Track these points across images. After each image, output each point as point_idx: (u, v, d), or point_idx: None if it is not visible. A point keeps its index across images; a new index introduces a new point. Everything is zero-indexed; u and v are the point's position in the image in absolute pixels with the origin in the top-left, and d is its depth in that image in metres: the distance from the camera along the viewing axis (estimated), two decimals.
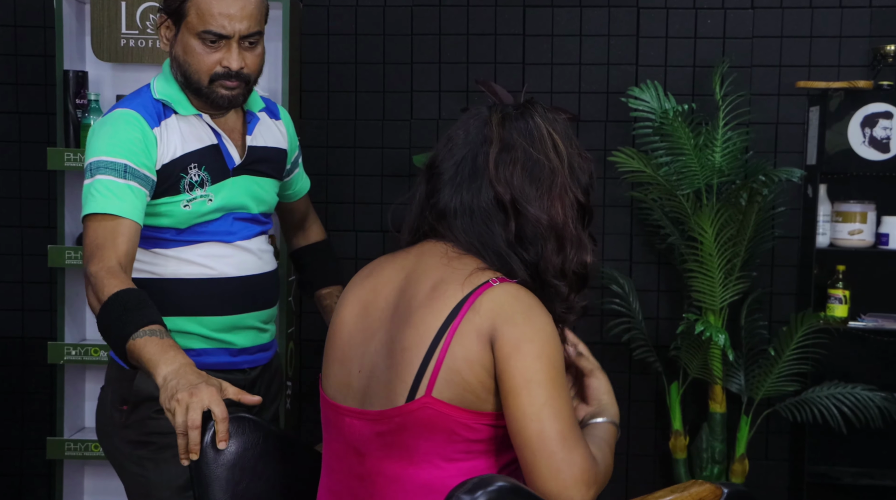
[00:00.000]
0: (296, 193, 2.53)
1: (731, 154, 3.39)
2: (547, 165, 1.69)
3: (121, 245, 2.02)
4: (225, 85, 2.13)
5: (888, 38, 3.56)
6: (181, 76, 2.15)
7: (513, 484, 1.49)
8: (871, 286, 3.63)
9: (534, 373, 1.57)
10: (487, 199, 1.69)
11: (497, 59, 3.72)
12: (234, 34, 2.10)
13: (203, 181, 2.17)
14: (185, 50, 2.13)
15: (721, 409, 3.47)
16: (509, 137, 1.71)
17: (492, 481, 1.47)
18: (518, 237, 1.68)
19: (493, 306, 1.60)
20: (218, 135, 2.21)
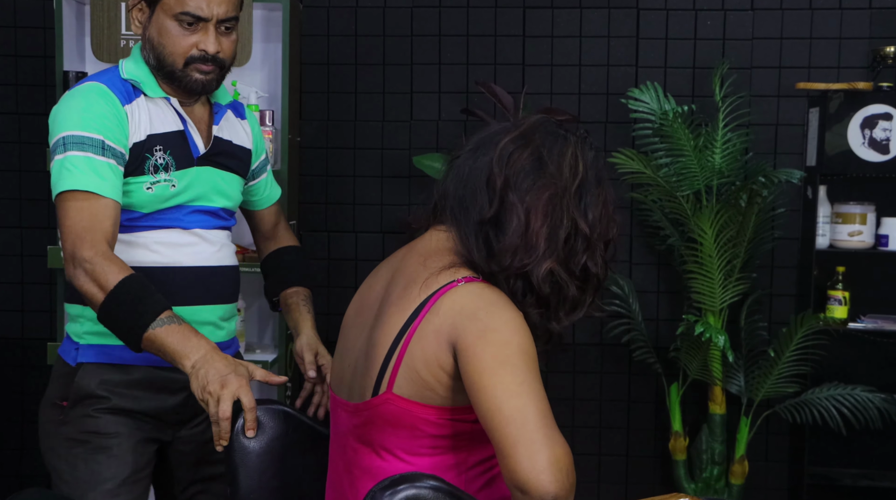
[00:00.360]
0: (263, 200, 2.45)
1: (731, 155, 3.39)
2: (555, 174, 1.65)
3: (108, 227, 1.96)
4: (200, 68, 2.09)
5: (888, 40, 3.56)
6: (154, 59, 2.10)
7: (435, 484, 1.48)
8: (871, 288, 3.63)
9: (507, 356, 1.54)
10: (482, 172, 1.66)
11: (497, 60, 3.72)
12: (213, 17, 2.07)
13: (168, 165, 2.10)
14: (160, 32, 2.08)
15: (721, 410, 3.47)
16: (532, 133, 1.69)
17: (410, 479, 1.47)
18: (495, 223, 1.64)
19: (452, 306, 1.60)
20: (184, 121, 2.15)
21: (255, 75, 3.53)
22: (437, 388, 1.60)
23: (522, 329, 1.58)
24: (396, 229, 3.76)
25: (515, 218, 1.63)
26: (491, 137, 1.71)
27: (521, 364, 1.53)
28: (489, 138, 1.70)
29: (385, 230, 3.78)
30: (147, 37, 2.10)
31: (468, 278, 1.63)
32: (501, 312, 1.58)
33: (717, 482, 3.47)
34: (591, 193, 1.67)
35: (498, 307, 1.59)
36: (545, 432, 1.48)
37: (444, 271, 1.65)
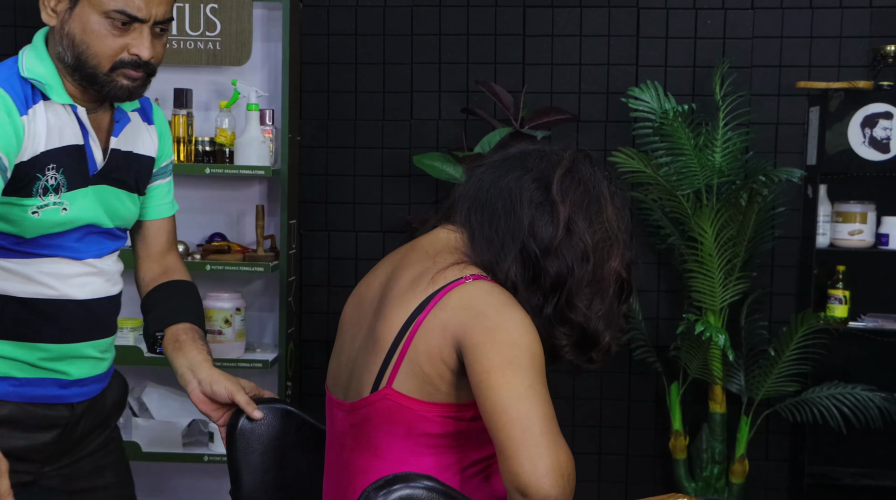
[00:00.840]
0: (152, 209, 2.09)
1: (732, 154, 3.39)
2: (605, 217, 1.68)
3: None
4: (129, 75, 1.81)
5: (888, 39, 3.55)
6: (72, 58, 1.80)
7: (429, 484, 1.47)
8: (871, 287, 3.63)
9: (515, 357, 1.54)
10: (529, 190, 1.67)
11: (497, 59, 3.72)
12: (151, 18, 1.79)
13: (59, 186, 1.82)
14: (84, 28, 1.78)
15: (721, 409, 3.47)
16: (579, 169, 1.70)
17: (404, 479, 1.47)
18: (545, 244, 1.65)
19: (461, 303, 1.60)
20: (86, 133, 1.86)
21: (255, 74, 3.53)
22: (439, 383, 1.60)
23: (531, 331, 1.58)
24: (396, 228, 3.76)
25: (578, 251, 1.64)
26: (526, 159, 1.71)
27: (528, 366, 1.53)
28: (523, 159, 1.71)
29: (385, 229, 3.78)
30: (66, 31, 1.80)
31: (476, 276, 1.63)
32: (511, 312, 1.58)
33: (717, 482, 3.47)
34: (628, 238, 1.71)
35: (507, 307, 1.59)
36: (550, 436, 1.49)
37: (452, 266, 1.65)
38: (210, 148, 3.40)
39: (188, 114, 3.37)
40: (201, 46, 3.44)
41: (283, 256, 3.39)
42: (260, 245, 3.39)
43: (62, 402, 1.92)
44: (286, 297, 3.41)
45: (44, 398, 1.89)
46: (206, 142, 3.40)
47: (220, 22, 3.42)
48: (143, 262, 2.11)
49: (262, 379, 3.62)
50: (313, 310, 3.79)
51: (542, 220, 1.64)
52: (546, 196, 1.65)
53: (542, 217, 1.65)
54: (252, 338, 3.59)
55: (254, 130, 3.32)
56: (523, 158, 1.71)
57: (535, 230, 1.64)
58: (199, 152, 3.39)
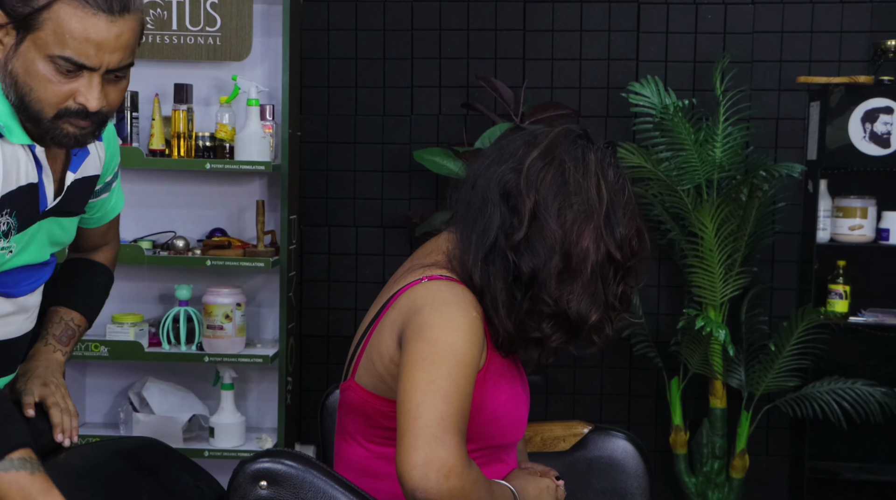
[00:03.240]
0: (96, 220, 1.97)
1: (732, 149, 3.38)
2: (584, 196, 1.58)
3: None
4: (75, 123, 1.61)
5: (889, 34, 3.55)
6: (15, 98, 1.60)
7: (293, 463, 1.47)
8: (872, 282, 3.63)
9: (430, 353, 1.51)
10: (495, 183, 1.61)
11: (497, 54, 3.72)
12: (101, 67, 1.58)
13: (9, 230, 1.64)
14: (27, 70, 1.57)
15: (721, 404, 3.47)
16: (555, 148, 1.61)
17: (272, 454, 1.48)
18: (515, 241, 1.58)
19: (408, 303, 1.60)
20: (40, 171, 1.68)
21: (255, 70, 3.53)
22: (389, 381, 1.62)
23: (461, 330, 1.54)
24: (397, 224, 3.76)
25: (548, 243, 1.57)
26: (509, 144, 1.65)
27: (440, 363, 1.51)
28: (507, 146, 1.65)
29: (385, 225, 3.78)
30: (9, 69, 1.59)
31: (433, 277, 1.62)
32: (446, 310, 1.56)
33: (717, 476, 3.48)
34: (618, 213, 1.61)
35: (445, 305, 1.56)
36: (433, 431, 1.46)
37: (420, 268, 1.66)
38: (210, 143, 3.40)
39: (188, 109, 3.37)
40: (201, 41, 3.44)
41: (283, 251, 3.39)
42: (260, 240, 3.39)
43: None
44: (286, 292, 3.41)
45: None
46: (207, 137, 3.40)
47: (220, 17, 3.42)
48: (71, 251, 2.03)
49: (262, 374, 3.63)
50: (314, 305, 3.79)
51: (514, 212, 1.58)
52: (516, 185, 1.58)
53: (513, 209, 1.58)
54: (252, 333, 3.60)
55: (254, 125, 3.32)
56: (505, 146, 1.65)
57: (505, 226, 1.58)
58: (200, 148, 3.39)
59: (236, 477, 1.46)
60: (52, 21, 1.54)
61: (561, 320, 1.60)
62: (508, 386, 1.67)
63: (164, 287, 3.60)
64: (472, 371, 1.54)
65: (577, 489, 1.98)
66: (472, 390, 1.54)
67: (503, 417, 1.67)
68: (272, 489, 1.45)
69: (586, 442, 2.00)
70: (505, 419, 1.67)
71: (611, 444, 2.00)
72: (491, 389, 1.63)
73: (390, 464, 1.61)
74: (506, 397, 1.66)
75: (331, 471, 1.47)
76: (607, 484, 1.99)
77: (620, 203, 1.62)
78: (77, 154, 1.76)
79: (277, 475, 1.45)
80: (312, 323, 3.79)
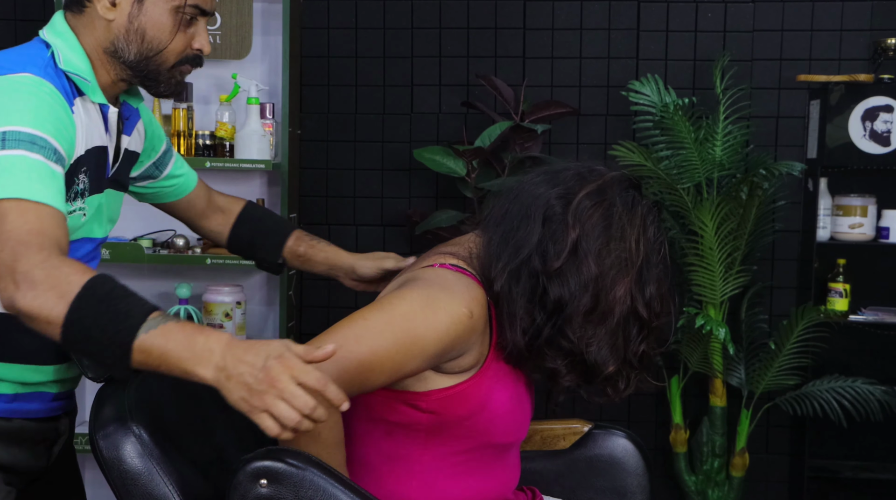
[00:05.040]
0: (177, 189, 2.07)
1: (732, 148, 3.38)
2: (625, 244, 1.58)
3: (61, 236, 1.47)
4: (185, 70, 1.74)
5: (889, 32, 3.55)
6: (134, 55, 1.68)
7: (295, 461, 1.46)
8: (872, 280, 3.63)
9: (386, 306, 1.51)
10: (538, 204, 1.60)
11: (497, 52, 3.72)
12: (213, 11, 1.74)
13: (84, 191, 1.68)
14: (154, 24, 1.67)
15: (721, 403, 3.47)
16: (607, 190, 1.60)
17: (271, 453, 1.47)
18: (550, 267, 1.56)
19: (408, 277, 1.61)
20: (109, 134, 1.75)
21: (255, 68, 3.53)
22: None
23: (434, 311, 1.51)
24: (397, 222, 3.76)
25: (582, 278, 1.56)
26: (562, 172, 1.64)
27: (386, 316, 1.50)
28: (560, 174, 1.64)
29: (385, 223, 3.78)
30: (135, 27, 1.67)
31: (444, 264, 1.61)
32: (434, 291, 1.54)
33: (717, 475, 3.48)
34: (651, 272, 1.61)
35: (440, 289, 1.55)
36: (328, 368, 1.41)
37: (436, 255, 1.66)
38: (210, 142, 3.40)
39: (188, 107, 3.37)
40: None
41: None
42: None
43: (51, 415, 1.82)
44: (286, 291, 3.41)
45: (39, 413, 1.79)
46: (207, 135, 3.40)
47: (220, 15, 3.41)
48: (201, 220, 2.12)
49: None
50: (314, 304, 3.79)
51: (553, 238, 1.57)
52: (563, 214, 1.58)
53: (553, 235, 1.57)
54: (252, 332, 3.60)
55: (254, 123, 3.32)
56: (560, 173, 1.64)
57: (543, 247, 1.57)
58: (200, 146, 3.39)
59: (236, 475, 1.45)
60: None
61: (577, 361, 1.60)
62: (512, 385, 1.66)
63: (164, 286, 3.60)
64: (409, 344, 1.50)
65: (578, 488, 1.98)
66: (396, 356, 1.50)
67: (505, 416, 1.65)
68: (272, 487, 1.44)
69: (586, 441, 2.00)
70: (507, 418, 1.66)
71: (611, 442, 2.00)
72: (492, 387, 1.62)
73: (392, 461, 1.61)
74: (507, 396, 1.65)
75: (331, 469, 1.47)
76: (607, 483, 1.99)
77: (655, 262, 1.62)
78: (129, 117, 1.81)
79: (277, 473, 1.44)
80: (312, 322, 3.79)
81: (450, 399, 1.59)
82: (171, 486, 1.56)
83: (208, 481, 1.67)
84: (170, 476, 1.56)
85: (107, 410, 1.59)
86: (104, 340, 1.38)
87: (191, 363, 1.36)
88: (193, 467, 1.66)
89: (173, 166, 2.04)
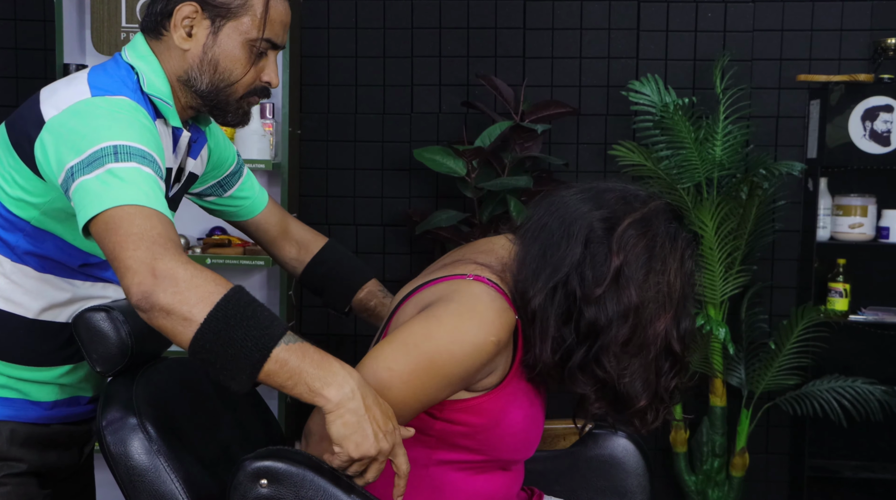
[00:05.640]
0: (247, 208, 2.11)
1: (732, 148, 3.38)
2: (665, 277, 1.56)
3: (179, 242, 1.52)
4: (252, 101, 1.79)
5: (889, 32, 3.55)
6: (207, 84, 1.73)
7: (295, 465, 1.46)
8: (872, 280, 3.63)
9: (413, 345, 1.49)
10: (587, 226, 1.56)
11: (497, 52, 3.72)
12: (284, 45, 1.79)
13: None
14: (227, 56, 1.71)
15: (721, 402, 3.47)
16: (652, 221, 1.58)
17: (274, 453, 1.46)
18: (591, 293, 1.53)
19: (446, 290, 1.56)
20: (175, 155, 1.80)
21: None
22: None
23: (462, 346, 1.49)
24: (397, 222, 3.76)
25: (622, 307, 1.53)
26: (605, 192, 1.61)
27: (413, 362, 1.48)
28: (603, 194, 1.61)
29: (385, 223, 3.78)
30: (209, 58, 1.72)
31: (478, 277, 1.57)
32: (466, 320, 1.51)
33: (717, 475, 3.48)
34: (686, 306, 1.60)
35: (471, 317, 1.51)
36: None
37: (472, 264, 1.61)
38: None
39: None
40: None
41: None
42: None
43: (88, 417, 1.89)
44: (286, 291, 3.41)
45: (75, 416, 1.86)
46: None
47: None
48: (274, 247, 2.14)
49: None
50: (313, 304, 3.79)
51: (594, 261, 1.54)
52: (606, 238, 1.54)
53: (594, 258, 1.54)
54: None
55: (254, 123, 3.31)
56: (603, 193, 1.61)
57: (583, 270, 1.54)
58: None
59: (236, 475, 1.45)
60: (256, 7, 1.71)
61: (608, 390, 1.58)
62: (528, 404, 1.64)
63: None
64: (434, 381, 1.50)
65: (578, 488, 1.98)
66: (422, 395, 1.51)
67: (517, 434, 1.63)
68: (272, 487, 1.44)
69: (587, 441, 2.00)
70: (518, 437, 1.64)
71: (611, 442, 2.00)
72: (509, 404, 1.60)
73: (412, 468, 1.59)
74: (523, 416, 1.63)
75: (332, 469, 1.46)
76: (607, 483, 1.99)
77: (689, 296, 1.61)
78: (197, 141, 1.84)
79: (278, 473, 1.44)
80: (312, 322, 3.79)
81: (465, 411, 1.57)
82: (178, 483, 1.56)
83: (214, 478, 1.67)
84: (176, 473, 1.57)
85: (115, 405, 1.61)
86: (247, 343, 1.40)
87: (322, 383, 1.42)
88: (200, 463, 1.66)
89: (240, 187, 2.07)
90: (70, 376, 1.81)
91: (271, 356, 1.40)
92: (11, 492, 1.74)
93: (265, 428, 1.96)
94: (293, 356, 1.41)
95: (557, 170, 3.62)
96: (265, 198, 2.13)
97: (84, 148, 1.52)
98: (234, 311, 1.41)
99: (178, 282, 1.41)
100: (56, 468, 1.83)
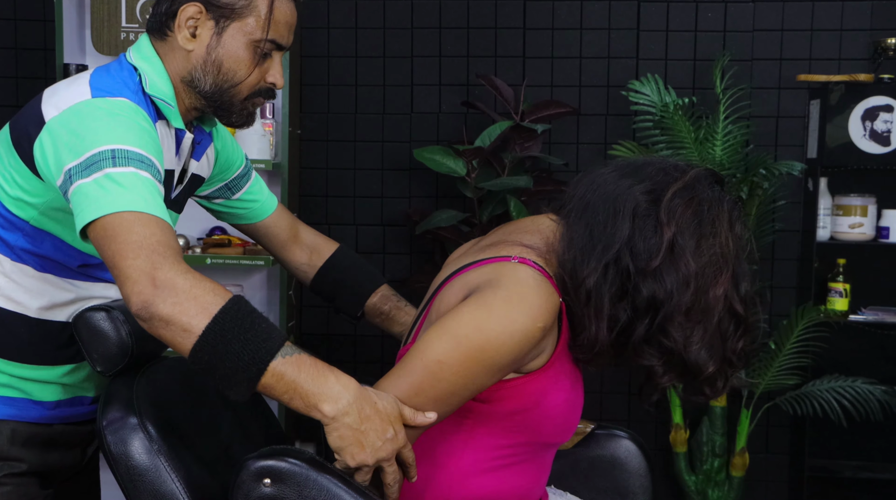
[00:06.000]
0: (255, 212, 2.09)
1: (732, 148, 3.38)
2: (717, 240, 1.54)
3: (179, 249, 1.50)
4: (257, 102, 1.78)
5: (889, 32, 3.55)
6: (210, 85, 1.72)
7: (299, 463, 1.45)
8: (872, 280, 3.63)
9: (464, 335, 1.48)
10: (633, 200, 1.55)
11: (497, 52, 3.72)
12: (289, 46, 1.77)
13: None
14: (231, 57, 1.71)
15: (721, 403, 3.47)
16: (696, 187, 1.56)
17: (279, 453, 1.46)
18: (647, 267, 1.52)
19: (491, 273, 1.54)
20: (178, 157, 1.79)
21: None
22: None
23: (510, 335, 1.49)
24: (397, 222, 3.76)
25: (681, 276, 1.52)
26: (644, 166, 1.60)
27: (462, 353, 1.48)
28: (642, 168, 1.60)
29: (385, 223, 3.78)
30: (213, 59, 1.71)
31: (523, 260, 1.55)
32: (514, 307, 1.50)
33: (717, 475, 3.48)
34: (743, 267, 1.58)
35: (519, 303, 1.50)
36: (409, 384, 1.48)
37: (517, 246, 1.59)
38: None
39: None
40: None
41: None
42: None
43: (92, 418, 1.87)
44: (286, 290, 3.41)
45: (78, 416, 1.86)
46: None
47: None
48: (284, 252, 2.12)
49: None
50: (314, 304, 3.79)
51: (644, 235, 1.53)
52: (653, 210, 1.53)
53: (644, 232, 1.53)
54: None
55: (254, 123, 3.31)
56: (642, 167, 1.60)
57: (634, 244, 1.52)
58: None
59: (239, 474, 1.45)
60: (260, 8, 1.69)
61: (675, 361, 1.57)
62: (569, 387, 1.63)
63: None
64: (484, 370, 1.50)
65: (580, 488, 1.98)
66: (472, 384, 1.51)
67: (557, 417, 1.63)
68: (276, 486, 1.44)
69: (589, 441, 2.00)
70: (558, 420, 1.63)
71: (613, 443, 2.00)
72: (550, 386, 1.59)
73: (431, 446, 1.58)
74: (564, 398, 1.62)
75: (335, 469, 1.46)
76: (609, 483, 1.99)
77: (742, 257, 1.60)
78: (201, 142, 1.84)
79: (281, 472, 1.44)
80: (312, 322, 3.79)
81: (506, 391, 1.57)
82: (178, 483, 1.56)
83: (214, 477, 1.67)
84: (177, 473, 1.57)
85: (115, 405, 1.61)
86: (244, 356, 1.41)
87: (318, 399, 1.42)
88: (200, 463, 1.66)
89: (248, 190, 2.06)
90: (72, 375, 1.81)
91: (268, 370, 1.41)
92: (12, 492, 1.74)
93: (265, 428, 1.97)
94: (290, 369, 1.42)
95: (557, 170, 3.62)
96: (274, 202, 2.12)
97: (82, 151, 1.52)
98: (231, 323, 1.41)
99: (178, 292, 1.41)
100: (58, 468, 1.83)
